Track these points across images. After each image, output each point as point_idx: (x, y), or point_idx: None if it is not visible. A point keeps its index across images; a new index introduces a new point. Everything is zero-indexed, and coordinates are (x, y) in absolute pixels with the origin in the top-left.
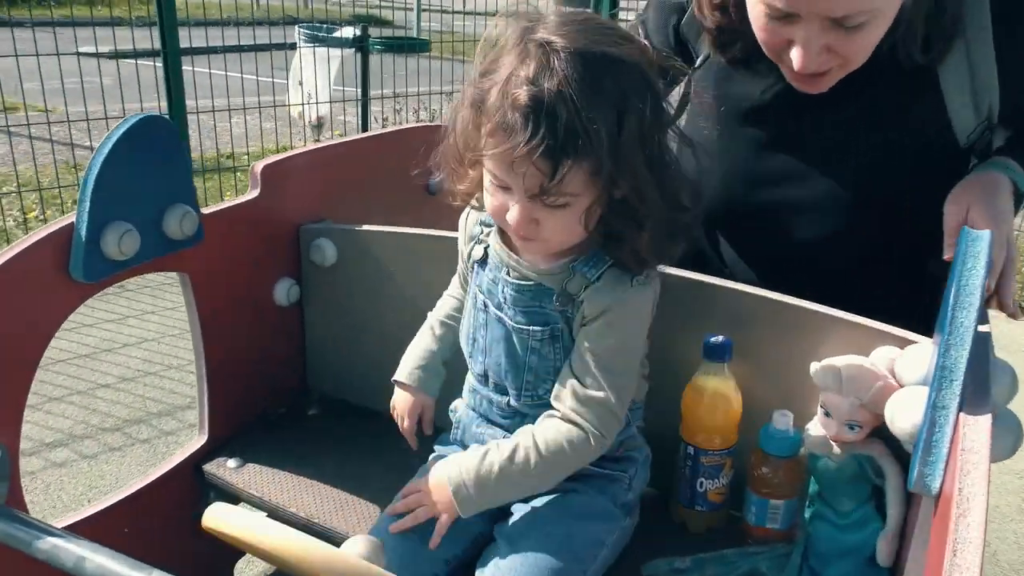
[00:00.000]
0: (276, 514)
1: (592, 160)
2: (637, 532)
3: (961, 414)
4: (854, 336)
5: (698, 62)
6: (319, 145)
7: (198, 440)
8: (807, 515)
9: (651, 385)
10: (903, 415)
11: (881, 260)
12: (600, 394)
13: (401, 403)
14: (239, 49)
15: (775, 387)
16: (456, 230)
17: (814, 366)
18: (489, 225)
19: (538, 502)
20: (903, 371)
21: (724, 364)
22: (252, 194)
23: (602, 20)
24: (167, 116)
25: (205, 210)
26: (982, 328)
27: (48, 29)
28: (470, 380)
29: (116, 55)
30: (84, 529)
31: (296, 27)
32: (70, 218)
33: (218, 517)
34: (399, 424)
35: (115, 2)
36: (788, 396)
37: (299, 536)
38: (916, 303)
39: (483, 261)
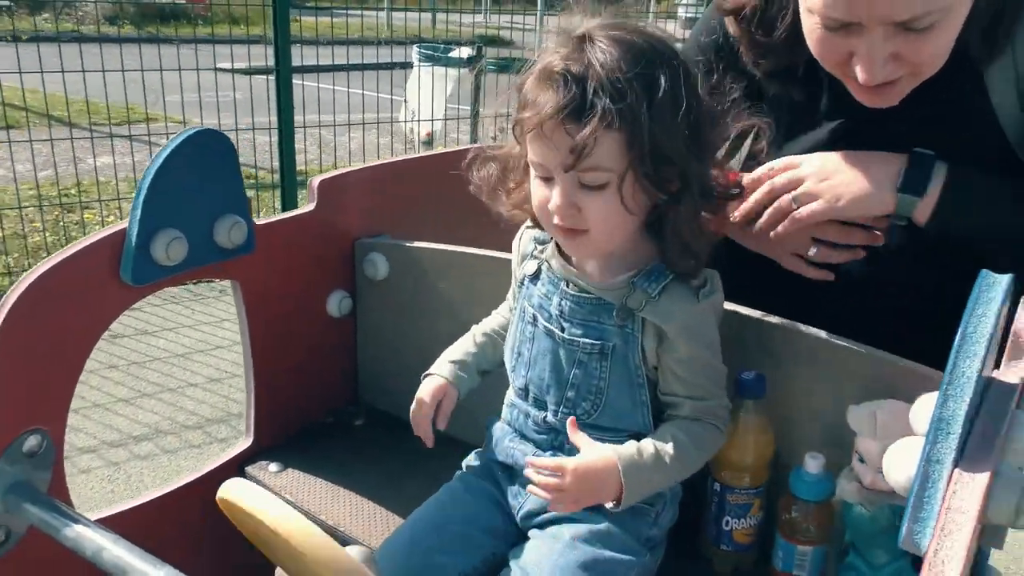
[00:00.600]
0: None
1: (625, 130)
2: (662, 566)
3: (956, 470)
4: (899, 380)
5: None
6: (378, 162)
7: (244, 442)
8: (839, 566)
9: None
10: (898, 467)
11: (938, 300)
12: (711, 402)
13: (423, 390)
14: (359, 68)
15: (810, 428)
16: (510, 250)
17: (851, 409)
18: (544, 242)
19: (557, 531)
20: (916, 420)
21: (757, 401)
22: (309, 207)
23: (642, 25)
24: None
25: (259, 221)
26: (1008, 379)
27: (191, 46)
28: (509, 395)
29: (250, 71)
30: (129, 520)
31: (415, 47)
32: (123, 225)
33: (232, 490)
34: (413, 415)
35: (253, 21)
36: (824, 438)
37: (303, 522)
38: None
39: (535, 276)
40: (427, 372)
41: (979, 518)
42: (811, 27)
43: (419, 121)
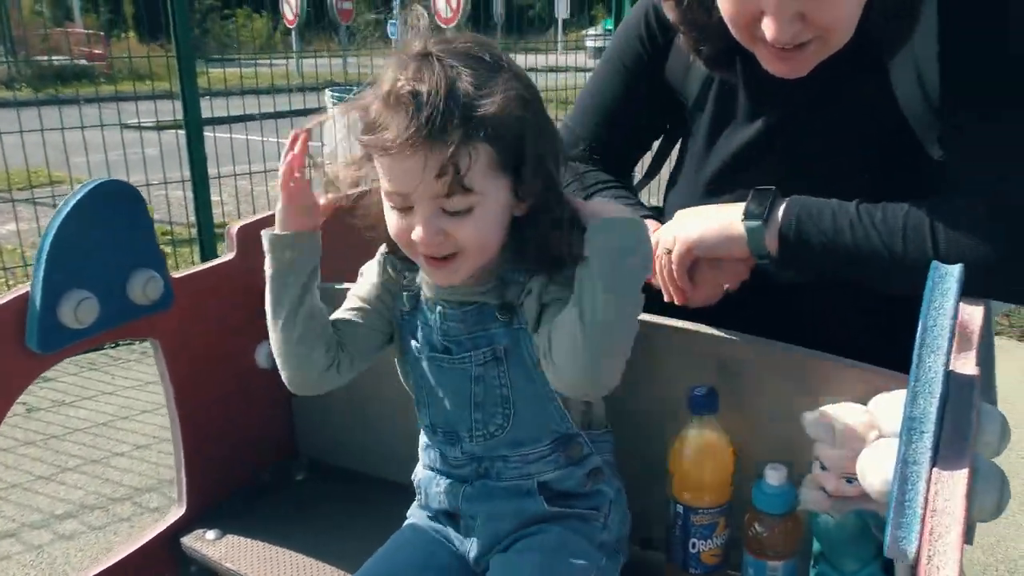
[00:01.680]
0: None
1: (491, 144)
2: None
3: (934, 470)
4: (850, 382)
5: (689, 104)
6: None
7: (176, 511)
8: None
9: (636, 440)
10: (873, 471)
11: (880, 305)
12: None
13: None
14: (271, 116)
15: (768, 439)
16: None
17: (806, 415)
18: (410, 269)
19: (514, 554)
20: (882, 420)
21: (712, 416)
22: (227, 256)
23: (479, 36)
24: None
25: (175, 274)
26: (966, 371)
27: (94, 106)
28: (422, 440)
29: (159, 126)
30: None
31: (327, 90)
32: (27, 287)
33: None
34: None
35: (160, 76)
36: (782, 448)
37: None
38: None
39: (413, 310)
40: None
41: (964, 518)
42: None
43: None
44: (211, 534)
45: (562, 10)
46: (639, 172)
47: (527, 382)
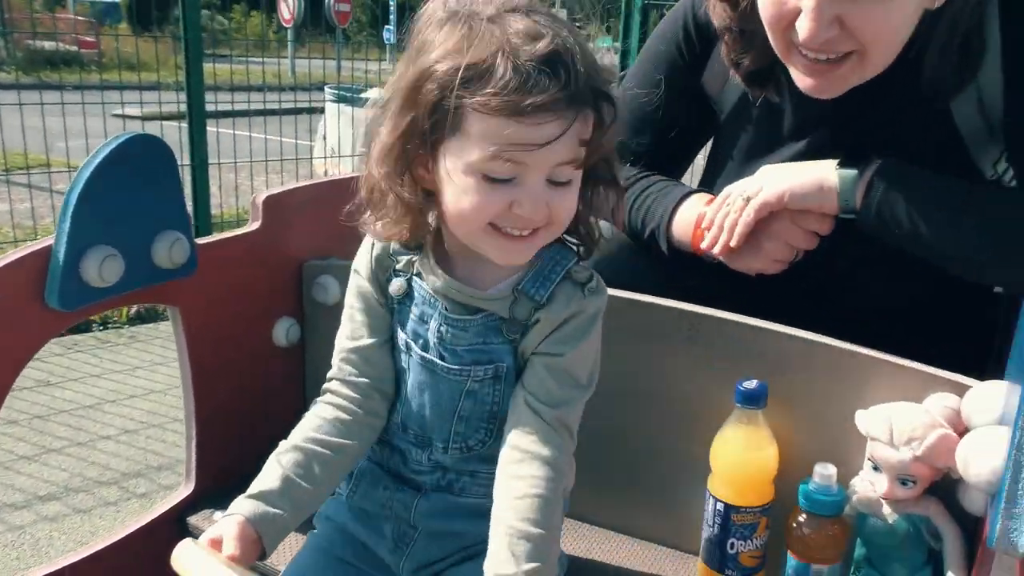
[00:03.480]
0: (256, 569)
1: (596, 118)
2: None
3: None
4: (904, 381)
5: (723, 115)
6: (325, 179)
7: (184, 489)
8: None
9: (677, 432)
10: (980, 460)
11: (931, 304)
12: (570, 410)
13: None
14: (268, 112)
15: (816, 437)
16: None
17: (860, 414)
18: (405, 254)
19: (452, 566)
20: (972, 412)
21: (759, 411)
22: (253, 226)
23: None
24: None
25: (200, 240)
26: None
27: (78, 92)
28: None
29: (144, 116)
30: None
31: (326, 87)
32: (48, 241)
33: (181, 556)
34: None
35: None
36: (831, 447)
37: None
38: (971, 350)
39: (405, 296)
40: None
41: None
42: None
43: (329, 159)
44: (219, 515)
45: None
46: None
47: None
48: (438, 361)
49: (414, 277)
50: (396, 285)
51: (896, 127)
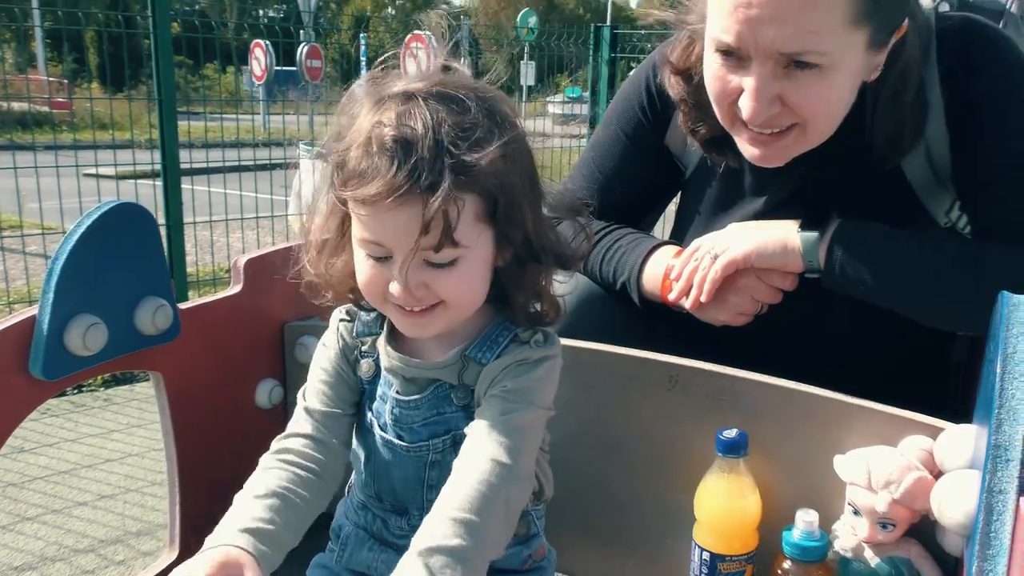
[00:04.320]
0: None
1: (478, 197)
2: None
3: (1022, 499)
4: (879, 426)
5: (688, 172)
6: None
7: (168, 556)
8: None
9: (660, 483)
10: (953, 503)
11: (899, 349)
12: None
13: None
14: (242, 169)
15: (797, 484)
16: None
17: (838, 459)
18: (369, 335)
19: None
20: (944, 456)
21: (740, 460)
22: (234, 289)
23: (461, 75)
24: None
25: (182, 305)
26: None
27: (51, 152)
28: (358, 496)
29: (117, 176)
30: None
31: (300, 143)
32: (32, 311)
33: None
34: None
35: (120, 126)
36: (812, 493)
37: None
38: (940, 392)
39: (373, 379)
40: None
41: None
42: (710, 63)
43: (304, 214)
44: None
45: (529, 78)
46: None
47: None
48: (397, 441)
49: (375, 356)
50: (365, 366)
51: (850, 183)
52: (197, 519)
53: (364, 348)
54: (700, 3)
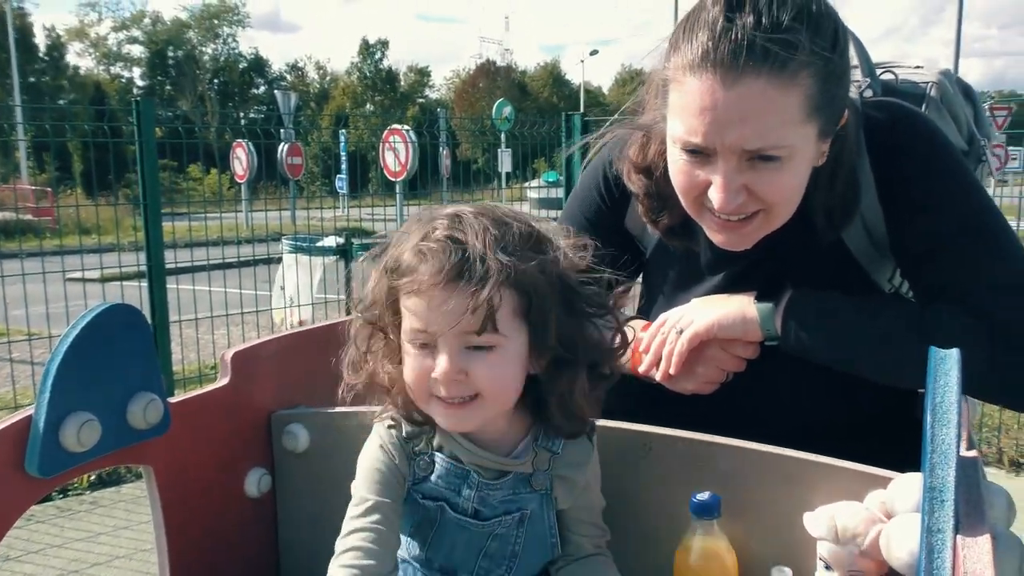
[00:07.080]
0: None
1: (518, 288)
2: None
3: (958, 536)
4: (847, 482)
5: (648, 252)
6: (290, 331)
7: None
8: None
9: (639, 549)
10: (898, 544)
11: (866, 407)
12: (602, 534)
13: None
14: (226, 266)
15: (771, 542)
16: None
17: (808, 516)
18: (415, 436)
19: None
20: (894, 501)
21: (714, 522)
22: (222, 382)
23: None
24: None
25: (172, 399)
26: (968, 453)
27: (37, 259)
28: (405, 553)
29: (103, 279)
30: None
31: (283, 239)
32: (27, 411)
33: None
34: None
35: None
36: (785, 551)
37: None
38: (904, 447)
39: (427, 475)
40: None
41: None
42: (674, 159)
43: (299, 306)
44: None
45: (505, 164)
46: None
47: (537, 541)
48: (472, 520)
49: (434, 452)
50: (423, 464)
51: (799, 256)
52: None
53: (417, 449)
54: (653, 105)
